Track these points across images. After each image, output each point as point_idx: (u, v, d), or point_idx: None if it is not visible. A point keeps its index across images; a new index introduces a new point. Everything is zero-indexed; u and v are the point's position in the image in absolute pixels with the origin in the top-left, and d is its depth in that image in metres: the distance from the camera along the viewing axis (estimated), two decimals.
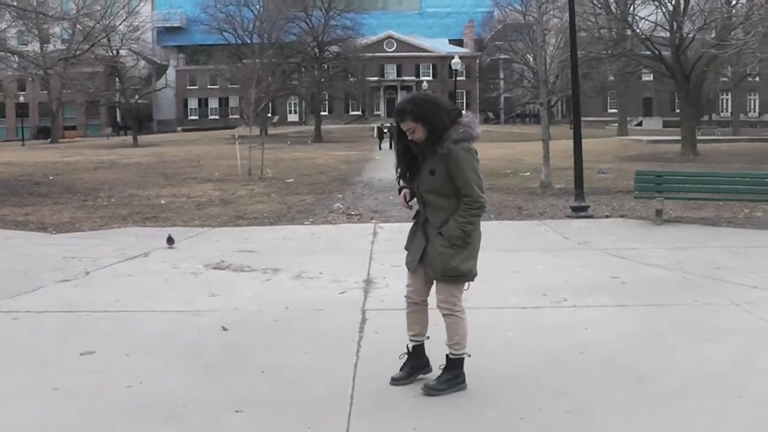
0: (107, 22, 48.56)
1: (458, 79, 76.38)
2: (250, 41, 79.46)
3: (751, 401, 5.86)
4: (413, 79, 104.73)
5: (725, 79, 72.85)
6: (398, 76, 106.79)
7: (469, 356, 6.08)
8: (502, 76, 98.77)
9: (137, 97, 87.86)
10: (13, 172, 34.15)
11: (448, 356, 6.06)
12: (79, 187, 26.72)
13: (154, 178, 30.61)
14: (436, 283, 6.06)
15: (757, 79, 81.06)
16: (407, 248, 6.22)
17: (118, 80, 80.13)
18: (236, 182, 27.72)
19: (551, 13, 31.43)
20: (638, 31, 41.33)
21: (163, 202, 21.55)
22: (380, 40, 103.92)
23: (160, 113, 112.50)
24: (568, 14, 20.67)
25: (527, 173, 29.23)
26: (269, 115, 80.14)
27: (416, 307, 6.20)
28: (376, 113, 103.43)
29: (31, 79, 72.94)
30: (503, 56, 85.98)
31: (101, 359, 6.96)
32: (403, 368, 6.23)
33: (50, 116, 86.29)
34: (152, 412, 5.71)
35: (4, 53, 38.03)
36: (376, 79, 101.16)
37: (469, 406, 5.80)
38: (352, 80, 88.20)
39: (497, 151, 43.08)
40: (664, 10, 41.46)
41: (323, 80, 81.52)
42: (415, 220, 6.20)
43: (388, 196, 21.82)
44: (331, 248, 13.33)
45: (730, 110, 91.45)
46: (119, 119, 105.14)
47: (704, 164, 33.57)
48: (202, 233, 15.32)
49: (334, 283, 10.11)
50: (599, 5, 40.62)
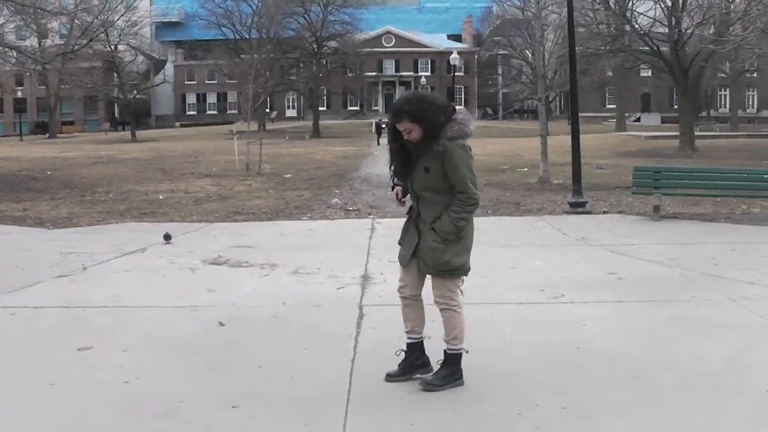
0: (105, 17, 48.55)
1: (456, 74, 76.31)
2: (248, 36, 79.27)
3: (749, 398, 5.85)
4: (411, 74, 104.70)
5: (723, 75, 72.89)
6: (396, 71, 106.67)
7: (467, 352, 6.07)
8: (500, 71, 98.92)
9: (135, 92, 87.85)
10: (10, 167, 34.14)
11: (445, 351, 6.05)
12: (76, 182, 26.72)
13: (152, 173, 30.61)
14: (431, 278, 6.04)
15: (755, 75, 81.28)
16: (400, 243, 6.21)
17: (116, 75, 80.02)
18: (234, 178, 27.71)
19: (549, 8, 31.47)
20: (637, 26, 41.39)
21: (161, 197, 21.55)
22: (378, 35, 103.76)
23: (158, 108, 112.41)
24: (566, 10, 20.66)
25: (525, 169, 29.23)
26: (267, 110, 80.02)
27: (409, 301, 6.18)
28: (374, 108, 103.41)
29: (29, 74, 72.77)
30: (502, 52, 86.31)
31: (98, 355, 6.96)
32: (399, 365, 6.22)
33: (48, 111, 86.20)
34: (149, 407, 5.69)
35: (2, 48, 37.97)
36: (374, 74, 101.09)
37: (466, 402, 5.79)
38: (350, 75, 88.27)
39: (495, 146, 43.09)
40: (662, 5, 41.45)
41: (321, 75, 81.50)
42: (408, 215, 6.20)
43: (385, 191, 21.80)
44: (328, 244, 13.32)
45: (728, 106, 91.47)
46: (117, 114, 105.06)
47: (702, 160, 33.59)
48: (199, 228, 15.31)
49: (331, 278, 10.10)
50: (598, 1, 40.63)
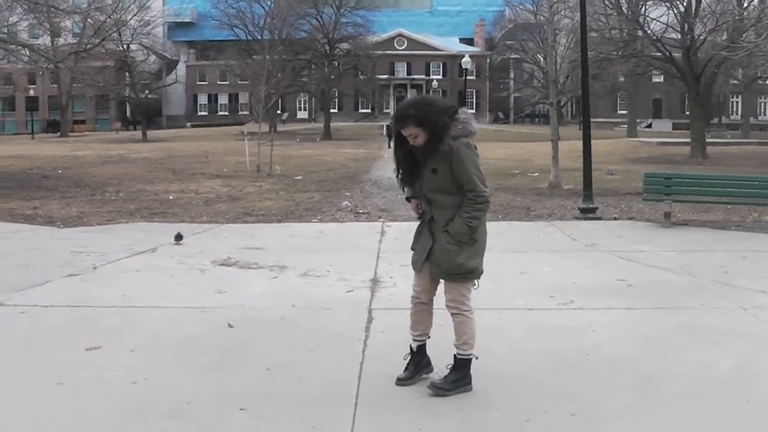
0: (118, 16, 48.67)
1: (468, 78, 76.33)
2: (260, 37, 79.39)
3: (757, 406, 5.84)
4: (423, 77, 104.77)
5: (735, 81, 72.62)
6: (408, 74, 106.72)
7: (476, 358, 6.07)
8: (512, 75, 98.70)
9: (147, 91, 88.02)
10: (22, 165, 34.24)
11: (455, 356, 6.05)
12: (87, 181, 26.78)
13: (162, 173, 30.65)
14: (444, 282, 6.05)
15: (767, 82, 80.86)
16: (413, 248, 6.21)
17: (128, 75, 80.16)
18: (244, 179, 27.73)
19: (562, 13, 31.36)
20: (649, 32, 41.27)
21: (171, 197, 21.58)
22: (391, 38, 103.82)
23: (169, 108, 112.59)
24: (579, 14, 20.63)
25: (536, 174, 29.19)
26: (278, 111, 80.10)
27: (422, 306, 6.19)
28: (385, 111, 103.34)
29: (41, 72, 73.05)
30: (513, 56, 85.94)
31: (107, 354, 6.97)
32: (407, 368, 6.23)
33: (60, 110, 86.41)
34: (157, 408, 5.70)
35: (15, 46, 38.06)
36: (386, 77, 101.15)
37: (474, 407, 5.78)
38: (362, 78, 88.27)
39: (506, 150, 43.08)
40: (675, 11, 41.39)
41: (333, 77, 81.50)
42: (420, 219, 6.20)
43: (396, 194, 21.74)
44: (338, 246, 13.32)
45: (740, 113, 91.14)
46: (129, 114, 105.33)
47: (713, 167, 33.47)
48: (209, 229, 15.32)
49: (341, 281, 10.10)
50: (610, 6, 40.59)
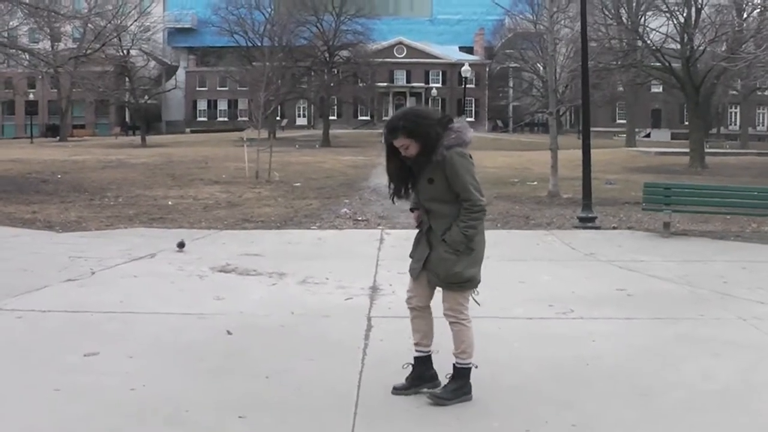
0: (119, 21, 48.67)
1: (467, 86, 76.43)
2: (260, 44, 79.37)
3: (757, 418, 5.83)
4: (422, 85, 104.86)
5: (734, 92, 72.67)
6: (408, 82, 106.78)
7: (476, 367, 6.05)
8: (511, 84, 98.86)
9: (146, 97, 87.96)
10: (20, 169, 34.21)
11: (454, 365, 6.03)
12: (86, 186, 26.75)
13: (161, 178, 30.62)
14: (441, 291, 6.04)
15: (766, 92, 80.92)
16: (412, 256, 6.21)
17: (127, 80, 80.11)
18: (243, 185, 27.71)
19: (562, 22, 31.38)
20: (649, 42, 41.31)
21: (170, 203, 21.56)
22: (390, 45, 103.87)
23: (168, 114, 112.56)
24: (578, 24, 20.67)
25: (535, 182, 29.17)
26: (278, 118, 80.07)
27: (417, 313, 6.17)
28: (384, 119, 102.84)
29: (41, 77, 73.15)
30: (513, 64, 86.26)
31: (105, 360, 6.94)
32: (407, 378, 6.20)
33: (59, 114, 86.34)
34: (155, 415, 5.68)
35: (15, 51, 38.06)
36: (385, 84, 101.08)
37: (473, 416, 5.76)
38: (361, 85, 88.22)
39: (505, 159, 43.07)
40: (675, 21, 41.43)
41: (332, 84, 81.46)
42: (419, 228, 6.19)
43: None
44: (337, 253, 13.31)
45: (738, 124, 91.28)
46: (128, 119, 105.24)
47: (712, 177, 33.47)
48: (208, 235, 15.31)
49: (340, 288, 10.09)
50: (610, 16, 40.64)
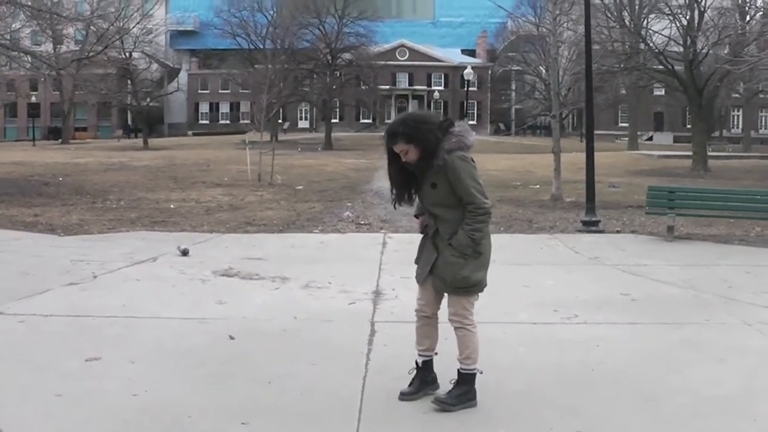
0: (121, 24, 48.72)
1: (470, 89, 76.39)
2: (262, 46, 79.35)
3: (762, 423, 5.80)
4: (425, 88, 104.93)
5: (737, 95, 72.68)
6: (410, 85, 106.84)
7: (480, 373, 6.02)
8: (513, 87, 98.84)
9: (149, 99, 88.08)
10: (23, 172, 34.18)
11: (459, 371, 6.00)
12: (88, 188, 26.72)
13: (163, 181, 30.58)
14: (447, 295, 6.01)
15: None
16: (417, 262, 6.18)
17: (130, 82, 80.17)
18: (246, 188, 27.66)
19: (565, 25, 31.40)
20: (651, 45, 41.29)
21: (172, 206, 21.51)
22: (393, 48, 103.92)
23: (171, 116, 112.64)
24: (581, 27, 20.65)
25: (537, 186, 29.13)
26: (280, 121, 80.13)
27: (427, 320, 6.15)
28: (386, 122, 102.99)
29: (43, 79, 73.09)
30: (515, 67, 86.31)
31: (106, 365, 6.91)
32: (412, 383, 6.18)
33: (61, 117, 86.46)
34: (156, 421, 5.65)
35: (17, 53, 38.05)
36: (387, 87, 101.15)
37: (478, 422, 5.73)
38: (363, 88, 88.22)
39: (507, 162, 43.07)
40: (678, 24, 41.41)
41: (335, 87, 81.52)
42: (424, 233, 6.16)
43: None
44: (340, 257, 13.26)
45: (741, 127, 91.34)
46: (130, 122, 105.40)
47: (715, 180, 33.45)
48: (210, 239, 15.26)
49: (343, 293, 10.05)
50: (613, 18, 40.59)
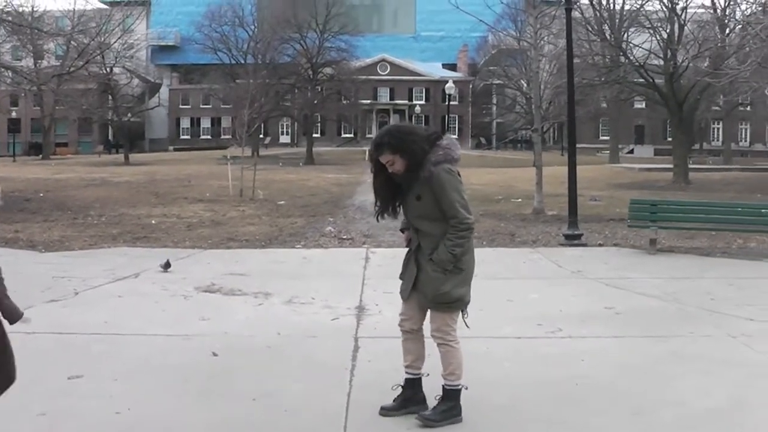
0: (102, 39, 48.51)
1: (451, 103, 76.54)
2: (244, 61, 79.48)
3: None
4: (406, 102, 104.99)
5: (717, 108, 73.06)
6: (391, 99, 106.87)
7: (465, 389, 5.98)
8: (494, 101, 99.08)
9: (130, 115, 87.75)
10: (3, 188, 33.89)
11: (443, 387, 5.97)
12: (69, 204, 26.59)
13: (144, 197, 30.47)
14: (430, 311, 5.98)
15: (748, 108, 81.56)
16: (401, 277, 6.15)
17: (111, 98, 79.99)
18: (227, 203, 27.60)
19: (545, 39, 31.47)
20: (632, 58, 41.47)
21: (153, 221, 21.42)
22: (374, 62, 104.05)
23: (152, 132, 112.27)
24: (562, 40, 20.72)
25: (519, 199, 29.16)
26: (261, 136, 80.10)
27: (410, 335, 6.12)
28: (368, 136, 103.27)
29: (24, 94, 72.85)
30: (497, 81, 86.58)
31: (89, 383, 6.85)
32: (396, 399, 6.14)
33: (42, 132, 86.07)
34: None
35: None
36: (369, 102, 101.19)
37: None
38: (345, 103, 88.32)
39: (489, 176, 43.15)
40: (658, 37, 41.66)
41: (316, 102, 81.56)
42: (408, 248, 6.13)
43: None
44: (323, 273, 13.22)
45: (721, 139, 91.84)
46: (111, 137, 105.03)
47: (696, 193, 33.58)
48: (192, 255, 15.20)
49: (326, 308, 10.01)
50: (593, 32, 40.75)
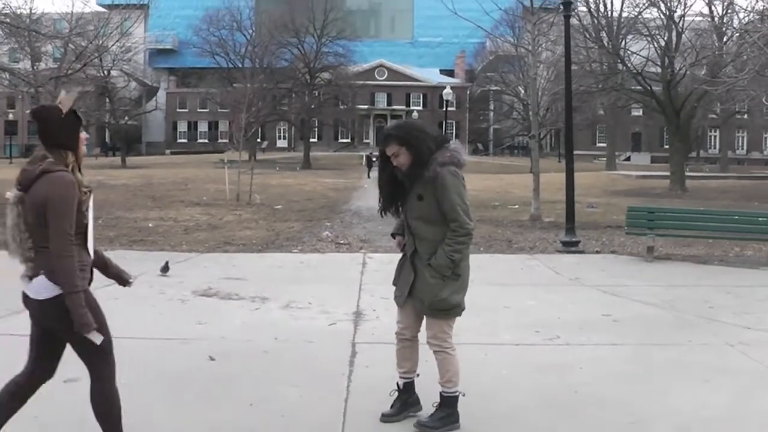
0: (100, 42, 48.47)
1: (448, 109, 76.58)
2: (241, 65, 79.60)
3: None
4: (403, 108, 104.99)
5: (714, 116, 73.19)
6: (388, 104, 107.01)
7: (463, 395, 5.96)
8: (492, 107, 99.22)
9: (127, 118, 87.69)
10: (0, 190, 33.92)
11: (441, 394, 5.94)
12: None
13: (141, 200, 30.43)
14: (426, 318, 5.95)
15: (745, 116, 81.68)
16: (395, 283, 6.11)
17: (108, 101, 79.93)
18: (224, 207, 27.57)
19: (543, 45, 31.48)
20: (630, 65, 41.55)
21: (150, 225, 21.37)
22: (372, 68, 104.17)
23: (149, 135, 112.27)
24: (559, 47, 20.73)
25: (516, 206, 29.17)
26: (258, 140, 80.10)
27: (407, 343, 6.09)
28: (365, 141, 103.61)
29: (21, 96, 72.68)
30: (494, 87, 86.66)
31: (85, 388, 6.77)
32: (393, 405, 6.13)
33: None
34: None
35: None
36: (366, 107, 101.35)
37: None
38: (342, 107, 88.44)
39: (486, 182, 43.15)
40: (656, 45, 41.74)
41: (313, 107, 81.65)
42: (403, 253, 6.10)
43: (377, 225, 21.69)
44: (320, 277, 13.20)
45: (718, 147, 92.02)
46: (108, 140, 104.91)
47: (693, 200, 33.63)
48: (189, 258, 15.16)
49: (323, 313, 9.99)
50: (591, 39, 40.82)
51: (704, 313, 10.38)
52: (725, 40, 41.01)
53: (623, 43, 43.03)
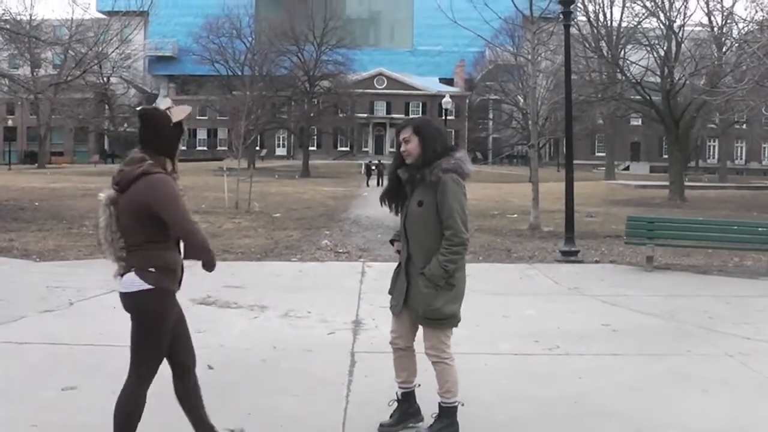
0: (99, 49, 48.49)
1: (448, 118, 76.57)
2: (241, 73, 79.65)
3: None
4: (402, 116, 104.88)
5: (713, 125, 73.27)
6: (388, 113, 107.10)
7: (462, 405, 5.93)
8: (491, 116, 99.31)
9: (126, 125, 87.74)
10: None
11: (440, 404, 5.91)
12: (64, 214, 26.51)
13: None
14: (422, 328, 5.92)
15: (744, 126, 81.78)
16: (391, 292, 6.09)
17: (107, 107, 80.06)
18: (223, 215, 27.54)
19: (542, 54, 31.53)
20: (629, 75, 41.61)
21: None
22: (371, 76, 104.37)
23: None
24: (559, 57, 20.75)
25: (515, 215, 29.16)
26: (257, 148, 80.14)
27: (402, 352, 6.07)
28: (364, 150, 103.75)
29: (20, 103, 72.85)
30: (493, 96, 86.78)
31: (83, 395, 6.79)
32: (392, 415, 6.11)
33: (38, 141, 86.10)
34: None
35: None
36: (365, 115, 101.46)
37: None
38: (341, 116, 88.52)
39: (485, 191, 43.14)
40: (655, 55, 41.80)
41: (313, 115, 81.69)
42: (398, 262, 6.08)
43: (376, 234, 21.70)
44: (319, 286, 13.17)
45: (717, 157, 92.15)
46: (107, 147, 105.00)
47: (692, 210, 33.64)
48: (188, 266, 15.06)
49: (322, 322, 9.97)
50: (591, 49, 40.87)
51: (704, 323, 10.37)
52: (724, 50, 41.10)
53: (623, 52, 43.11)
